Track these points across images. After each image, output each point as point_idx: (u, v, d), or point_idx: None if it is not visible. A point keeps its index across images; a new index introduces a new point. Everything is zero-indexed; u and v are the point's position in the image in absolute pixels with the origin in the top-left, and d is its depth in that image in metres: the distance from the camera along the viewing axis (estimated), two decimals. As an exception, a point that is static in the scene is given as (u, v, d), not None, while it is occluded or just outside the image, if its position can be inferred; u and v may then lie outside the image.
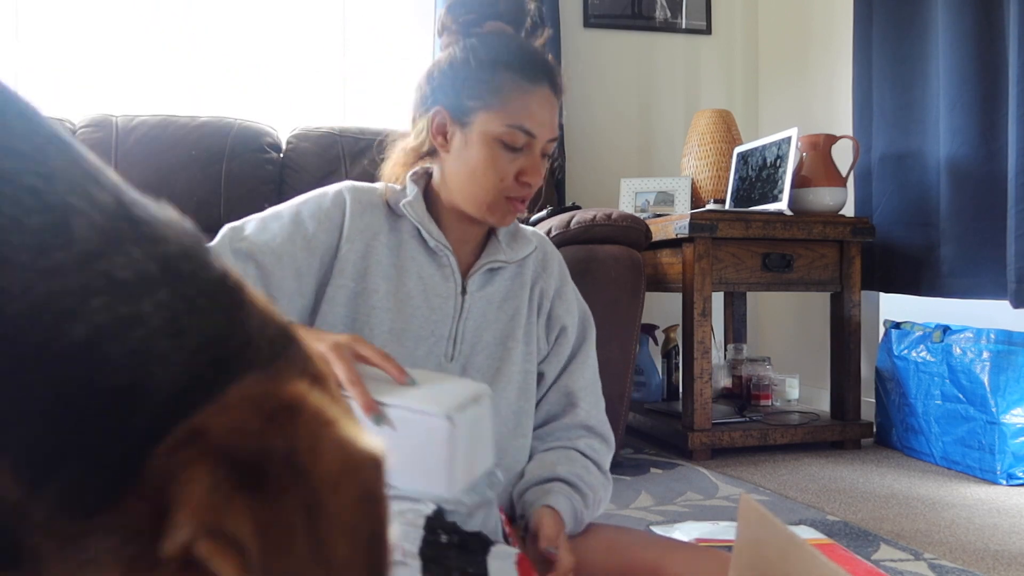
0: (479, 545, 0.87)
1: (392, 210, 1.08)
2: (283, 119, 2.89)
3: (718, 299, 3.17)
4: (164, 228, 0.41)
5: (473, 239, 1.12)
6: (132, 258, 0.38)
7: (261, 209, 1.09)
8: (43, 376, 0.35)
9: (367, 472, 0.38)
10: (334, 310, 1.03)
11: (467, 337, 1.08)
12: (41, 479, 0.35)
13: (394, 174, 1.14)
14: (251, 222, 1.05)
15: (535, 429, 1.16)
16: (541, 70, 1.04)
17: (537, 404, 1.16)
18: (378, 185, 1.13)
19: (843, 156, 2.67)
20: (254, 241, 1.01)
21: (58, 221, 0.36)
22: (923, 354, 2.37)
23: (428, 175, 1.12)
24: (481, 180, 1.03)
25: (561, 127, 3.14)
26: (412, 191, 1.09)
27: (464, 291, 1.09)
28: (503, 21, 1.06)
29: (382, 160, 1.15)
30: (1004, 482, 2.09)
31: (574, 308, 1.19)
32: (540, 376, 1.16)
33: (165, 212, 0.42)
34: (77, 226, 0.37)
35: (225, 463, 0.35)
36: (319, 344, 0.85)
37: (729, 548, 0.75)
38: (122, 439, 0.36)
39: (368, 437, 0.39)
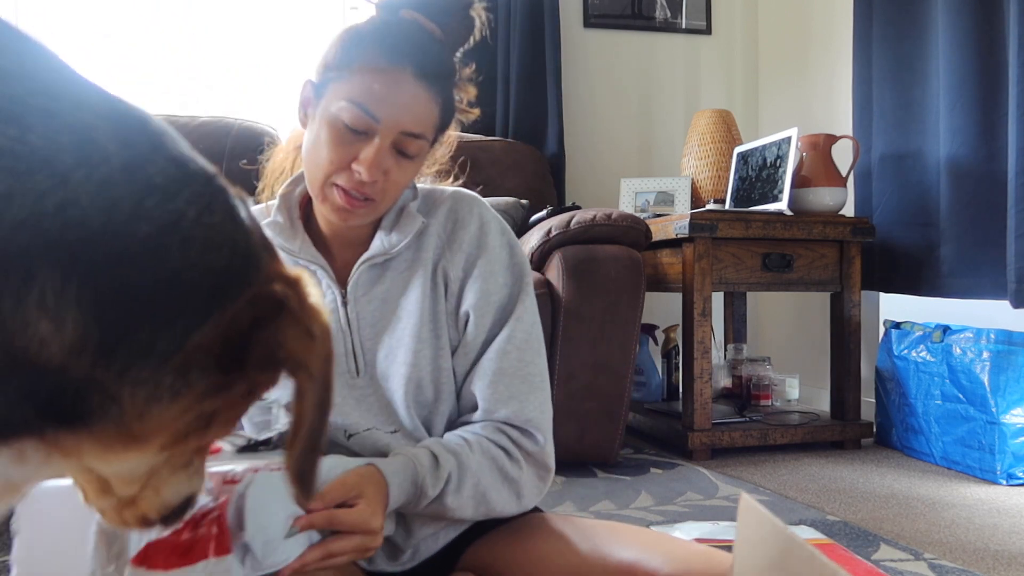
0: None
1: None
2: (283, 119, 2.89)
3: (718, 299, 3.17)
4: (159, 132, 0.50)
5: (358, 236, 1.01)
6: (160, 165, 0.48)
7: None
8: (119, 270, 0.44)
9: (329, 330, 0.55)
10: None
11: (368, 347, 0.99)
12: (118, 349, 0.44)
13: (280, 166, 1.08)
14: None
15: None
16: (406, 52, 0.91)
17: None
18: (262, 207, 1.05)
19: (843, 156, 2.66)
20: None
21: (84, 138, 0.44)
22: (923, 354, 2.37)
23: None
24: (315, 158, 0.93)
25: (561, 127, 3.15)
26: (274, 206, 1.01)
27: (346, 301, 0.99)
28: (427, 11, 0.95)
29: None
30: (1004, 482, 2.09)
31: (489, 287, 1.00)
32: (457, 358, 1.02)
33: (141, 113, 0.50)
34: (102, 141, 0.45)
35: (299, 324, 0.51)
36: None
37: (729, 548, 0.75)
38: (182, 314, 0.46)
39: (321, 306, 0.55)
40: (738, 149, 2.86)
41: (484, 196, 1.13)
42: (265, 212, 1.03)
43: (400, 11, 0.95)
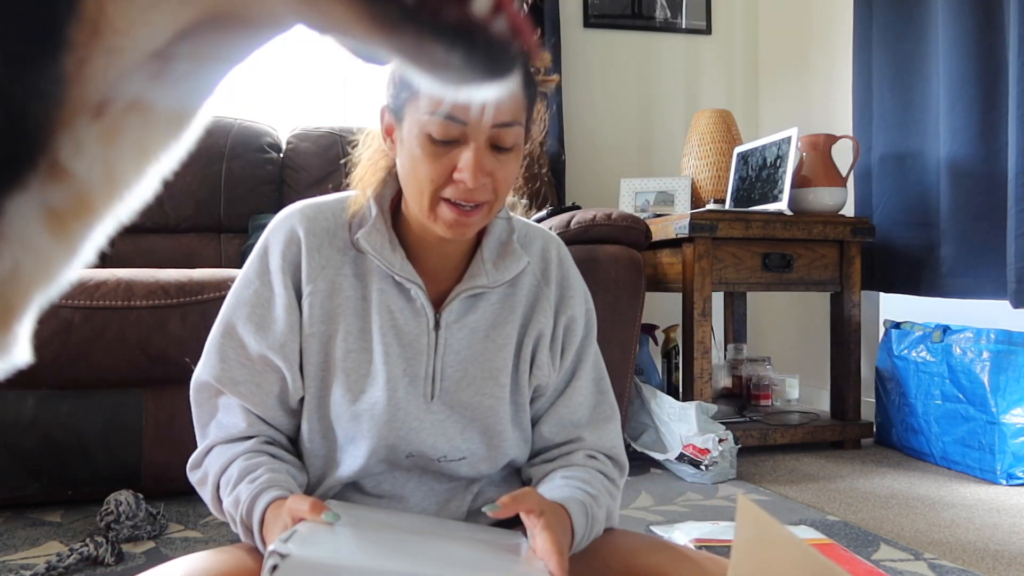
0: None
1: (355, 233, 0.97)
2: (283, 119, 2.89)
3: (718, 299, 3.17)
4: None
5: (454, 257, 0.99)
6: None
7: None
8: None
9: None
10: (309, 360, 0.96)
11: (448, 373, 0.98)
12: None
13: (365, 182, 1.00)
14: (210, 365, 0.97)
15: (534, 456, 1.07)
16: None
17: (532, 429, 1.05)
18: (340, 200, 1.00)
19: (843, 156, 2.66)
20: (228, 385, 0.96)
21: None
22: (923, 354, 2.37)
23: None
24: (414, 179, 0.90)
25: (561, 127, 3.14)
26: (372, 213, 0.97)
27: (438, 325, 0.97)
28: None
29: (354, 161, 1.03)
30: (1004, 482, 2.09)
31: (572, 330, 1.06)
32: (538, 396, 1.05)
33: None
34: None
35: None
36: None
37: (728, 548, 0.75)
38: None
39: None
40: (738, 149, 2.86)
41: None
42: (352, 208, 0.99)
43: None
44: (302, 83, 3.08)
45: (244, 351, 0.96)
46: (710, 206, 2.70)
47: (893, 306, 2.73)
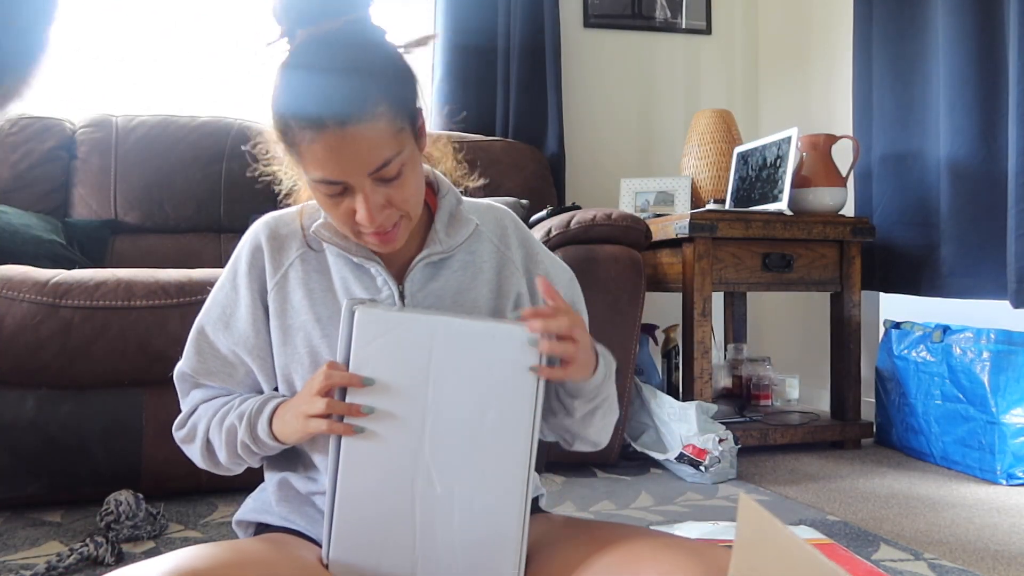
0: None
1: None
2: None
3: (718, 299, 3.17)
4: None
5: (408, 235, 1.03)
6: None
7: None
8: None
9: None
10: (277, 352, 1.01)
11: None
12: None
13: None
14: (188, 358, 1.07)
15: None
16: (322, 109, 0.85)
17: None
18: (295, 209, 1.06)
19: (843, 156, 2.66)
20: (204, 375, 1.06)
21: None
22: (923, 354, 2.37)
23: None
24: (329, 216, 0.96)
25: (561, 127, 3.14)
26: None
27: (403, 296, 1.01)
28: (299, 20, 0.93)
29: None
30: (1004, 482, 2.10)
31: (553, 273, 1.10)
32: None
33: None
34: None
35: None
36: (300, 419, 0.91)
37: (729, 548, 0.75)
38: None
39: None
40: (738, 149, 2.86)
41: (484, 196, 1.15)
42: (302, 211, 1.05)
43: (320, 20, 0.93)
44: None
45: (216, 348, 1.04)
46: (710, 206, 2.70)
47: (893, 306, 2.73)
